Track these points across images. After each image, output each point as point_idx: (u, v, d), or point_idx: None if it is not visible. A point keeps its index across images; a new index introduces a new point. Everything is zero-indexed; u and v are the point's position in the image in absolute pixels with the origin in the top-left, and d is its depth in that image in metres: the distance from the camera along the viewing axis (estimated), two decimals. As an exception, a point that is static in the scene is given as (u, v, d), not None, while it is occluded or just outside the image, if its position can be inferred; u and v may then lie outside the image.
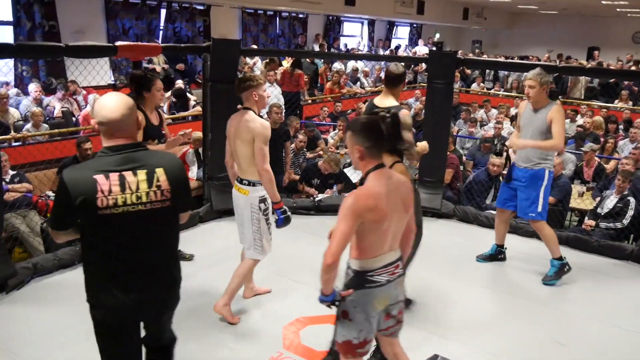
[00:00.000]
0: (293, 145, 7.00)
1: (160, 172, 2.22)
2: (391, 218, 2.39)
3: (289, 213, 3.64)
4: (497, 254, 4.97)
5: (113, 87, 9.69)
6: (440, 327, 3.81)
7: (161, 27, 11.56)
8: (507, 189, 4.67)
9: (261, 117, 3.61)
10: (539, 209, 4.49)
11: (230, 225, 4.63)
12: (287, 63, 10.82)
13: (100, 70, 5.20)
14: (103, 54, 4.74)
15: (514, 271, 4.85)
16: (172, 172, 2.26)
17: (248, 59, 11.07)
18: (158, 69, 10.05)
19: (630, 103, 12.52)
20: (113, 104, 2.18)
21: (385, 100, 3.64)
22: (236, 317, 3.80)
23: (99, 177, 2.10)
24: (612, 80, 13.15)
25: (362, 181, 2.47)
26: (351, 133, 2.40)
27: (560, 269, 4.59)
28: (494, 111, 10.64)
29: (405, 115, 3.37)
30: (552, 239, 4.58)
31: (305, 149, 7.34)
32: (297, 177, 6.77)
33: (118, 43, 4.66)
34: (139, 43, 5.63)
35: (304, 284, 4.37)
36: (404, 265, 2.60)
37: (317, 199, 6.14)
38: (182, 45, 9.71)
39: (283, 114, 7.00)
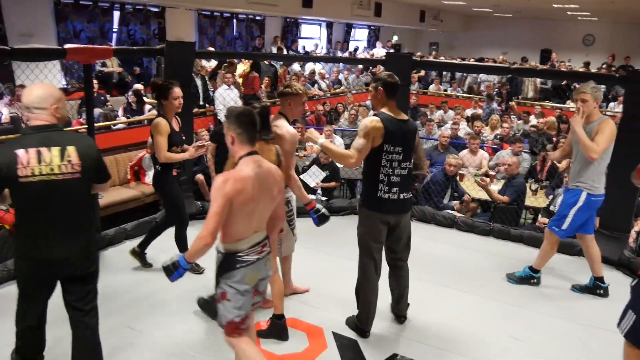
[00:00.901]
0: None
1: (71, 149, 2.69)
2: (258, 202, 2.66)
3: (323, 210, 3.67)
4: (595, 288, 4.57)
5: (65, 92, 9.46)
6: (401, 326, 3.86)
7: (114, 30, 11.35)
8: None
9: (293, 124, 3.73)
10: (564, 226, 4.38)
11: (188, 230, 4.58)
12: (243, 66, 10.78)
13: (48, 74, 5.07)
14: (52, 57, 4.63)
15: (474, 270, 4.95)
16: (82, 149, 2.72)
17: (204, 62, 10.97)
18: (112, 71, 9.87)
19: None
20: (36, 92, 2.69)
21: (398, 114, 3.42)
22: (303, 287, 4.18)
23: (20, 152, 2.58)
24: (564, 82, 13.58)
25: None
26: (227, 120, 2.68)
27: (526, 279, 4.67)
28: (450, 112, 10.84)
29: (366, 118, 3.46)
30: (548, 255, 4.58)
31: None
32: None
33: (67, 46, 4.56)
34: (89, 46, 5.51)
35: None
36: None
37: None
38: (135, 47, 9.57)
39: None
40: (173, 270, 2.72)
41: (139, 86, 9.37)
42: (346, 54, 17.05)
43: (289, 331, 3.73)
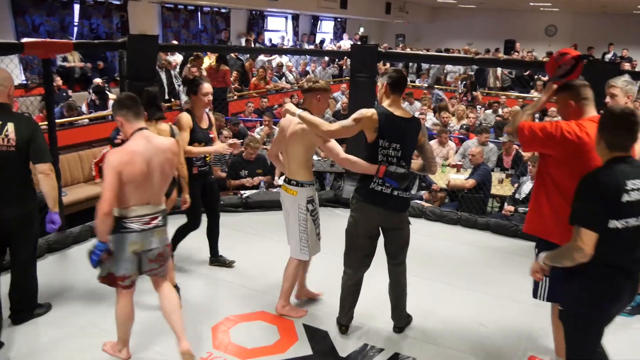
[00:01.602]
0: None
1: (10, 126, 3.22)
2: (148, 175, 2.94)
3: (396, 169, 3.28)
4: None
5: (24, 88, 9.22)
6: (367, 314, 3.89)
7: (75, 24, 11.10)
8: None
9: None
10: None
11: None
12: (209, 59, 10.68)
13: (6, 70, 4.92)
14: (8, 52, 4.49)
15: (443, 258, 5.02)
16: (19, 127, 3.25)
17: (170, 56, 10.82)
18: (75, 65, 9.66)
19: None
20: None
21: (399, 109, 3.35)
22: (301, 309, 3.91)
23: None
24: (527, 72, 13.82)
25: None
26: (112, 110, 3.12)
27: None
28: (417, 104, 10.93)
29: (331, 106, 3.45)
30: None
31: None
32: (224, 175, 6.71)
33: (24, 40, 4.44)
34: (48, 40, 5.38)
35: (232, 282, 4.35)
36: None
37: (244, 195, 6.11)
38: (95, 42, 9.37)
39: None
40: (91, 255, 2.95)
41: (98, 81, 9.19)
42: (312, 47, 17.02)
43: (259, 324, 3.73)
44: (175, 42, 12.26)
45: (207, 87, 4.10)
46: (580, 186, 2.42)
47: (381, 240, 3.55)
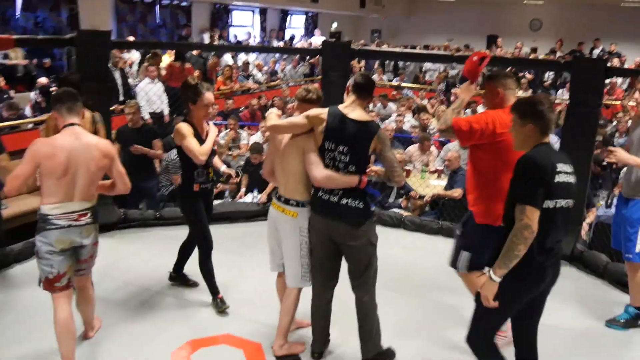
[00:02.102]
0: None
1: None
2: (73, 172, 3.13)
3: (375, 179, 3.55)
4: (637, 318, 4.25)
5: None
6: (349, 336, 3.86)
7: (17, 16, 10.88)
8: (616, 224, 4.29)
9: None
10: (637, 248, 4.05)
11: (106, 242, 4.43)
12: (169, 57, 10.59)
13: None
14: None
15: (424, 272, 5.02)
16: None
17: (125, 54, 10.69)
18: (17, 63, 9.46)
19: (531, 91, 13.36)
20: None
21: (355, 112, 3.30)
22: (300, 344, 3.73)
23: None
24: (510, 69, 13.96)
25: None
26: (51, 100, 3.32)
27: (634, 319, 4.22)
28: (392, 105, 10.97)
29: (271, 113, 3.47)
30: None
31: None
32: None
33: (-41, 36, 4.33)
34: (-13, 36, 5.26)
35: (194, 302, 4.29)
36: None
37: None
38: (40, 37, 9.21)
39: (140, 111, 6.84)
40: None
41: (43, 80, 9.01)
42: (282, 43, 17.02)
43: (223, 349, 3.68)
44: (131, 38, 12.14)
45: (209, 97, 3.92)
46: (520, 168, 2.67)
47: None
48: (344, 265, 3.47)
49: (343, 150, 3.25)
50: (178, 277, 4.55)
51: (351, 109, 3.30)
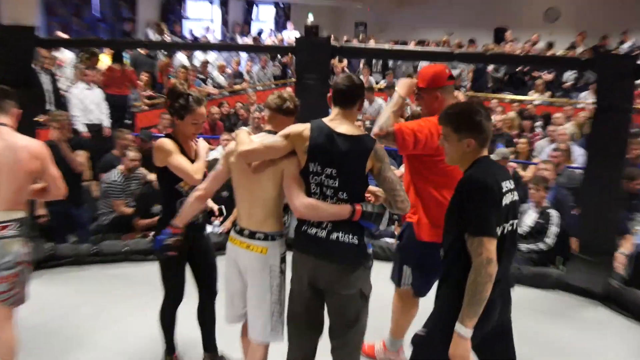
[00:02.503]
0: (121, 167, 6.78)
1: None
2: None
3: (367, 208, 3.18)
4: None
5: None
6: None
7: None
8: None
9: None
10: None
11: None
12: (108, 57, 10.56)
13: None
14: None
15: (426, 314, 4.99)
16: None
17: (55, 52, 10.61)
18: None
19: (549, 94, 13.51)
20: None
21: (342, 126, 3.20)
22: None
23: None
24: (519, 68, 14.12)
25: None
26: None
27: None
28: (379, 101, 11.01)
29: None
30: None
31: (138, 171, 7.09)
32: (130, 211, 6.56)
33: None
34: None
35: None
36: None
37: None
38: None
39: (70, 125, 6.79)
40: None
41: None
42: (247, 40, 17.07)
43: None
44: (62, 34, 12.07)
45: (201, 113, 3.78)
46: (465, 192, 2.73)
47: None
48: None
49: (331, 173, 3.15)
50: (213, 356, 4.20)
51: (339, 123, 3.20)
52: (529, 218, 6.14)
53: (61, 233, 6.08)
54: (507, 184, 2.77)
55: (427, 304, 3.52)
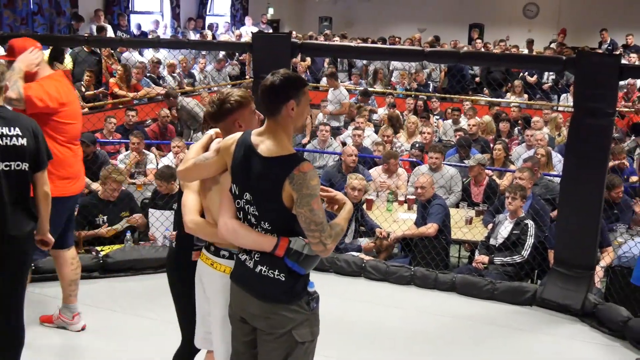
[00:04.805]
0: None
1: None
2: None
3: (295, 247, 2.96)
4: None
5: None
6: None
7: None
8: None
9: None
10: None
11: None
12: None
13: None
14: None
15: (393, 334, 5.06)
16: None
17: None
18: None
19: (527, 97, 13.69)
20: None
21: (265, 142, 2.96)
22: None
23: None
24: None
25: None
26: None
27: None
28: (343, 91, 11.14)
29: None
30: None
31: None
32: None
33: None
34: None
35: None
36: None
37: (101, 254, 5.97)
38: None
39: None
40: None
41: None
42: (199, 36, 17.02)
43: None
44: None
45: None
46: None
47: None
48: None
49: (249, 199, 2.98)
50: None
51: (264, 137, 2.98)
52: (505, 229, 6.24)
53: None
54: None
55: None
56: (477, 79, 15.39)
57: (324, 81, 14.48)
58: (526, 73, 14.37)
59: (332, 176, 8.05)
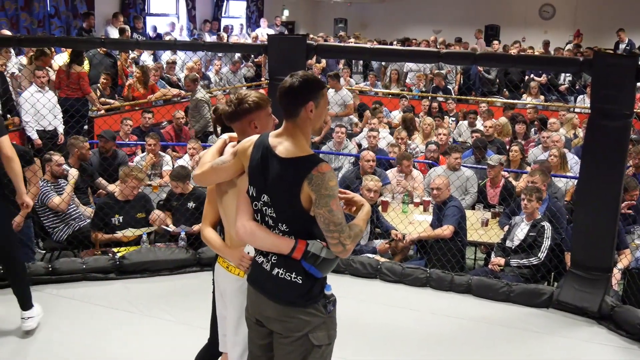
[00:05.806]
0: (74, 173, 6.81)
1: None
2: None
3: (313, 250, 2.95)
4: None
5: None
6: None
7: None
8: None
9: None
10: None
11: None
12: (64, 56, 10.54)
13: None
14: None
15: (409, 336, 5.07)
16: None
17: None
18: None
19: (542, 98, 13.66)
20: None
21: (283, 143, 2.97)
22: None
23: None
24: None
25: None
26: None
27: None
28: (345, 94, 11.16)
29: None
30: None
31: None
32: (61, 202, 6.59)
33: None
34: None
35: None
36: None
37: (117, 255, 6.00)
38: None
39: None
40: None
41: None
42: (215, 38, 17.06)
43: None
44: (6, 31, 12.00)
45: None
46: None
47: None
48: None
49: (267, 201, 2.98)
50: None
51: (282, 139, 2.98)
52: (521, 231, 6.24)
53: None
54: None
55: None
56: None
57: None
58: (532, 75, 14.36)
59: (350, 182, 8.03)
